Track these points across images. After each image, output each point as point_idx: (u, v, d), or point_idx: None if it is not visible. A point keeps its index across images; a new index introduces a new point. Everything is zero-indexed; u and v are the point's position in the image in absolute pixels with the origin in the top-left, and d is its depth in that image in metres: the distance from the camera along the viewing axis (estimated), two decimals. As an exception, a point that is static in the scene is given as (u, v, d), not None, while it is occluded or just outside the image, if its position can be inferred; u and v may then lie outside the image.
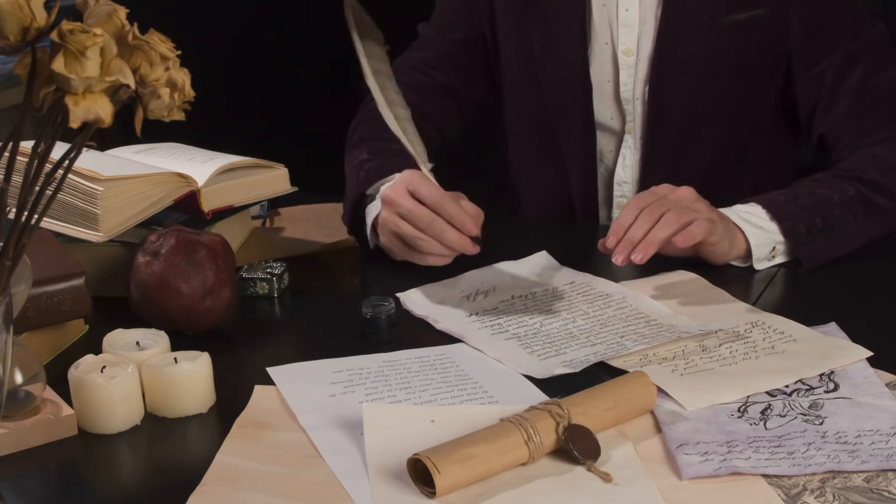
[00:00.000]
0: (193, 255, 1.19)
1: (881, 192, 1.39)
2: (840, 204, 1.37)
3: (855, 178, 1.40)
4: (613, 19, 1.53)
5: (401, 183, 1.31)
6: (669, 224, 1.24)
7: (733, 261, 1.35)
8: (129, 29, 0.82)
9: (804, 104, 1.52)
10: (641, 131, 1.57)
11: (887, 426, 0.99)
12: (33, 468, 1.00)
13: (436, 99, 1.64)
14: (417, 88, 1.62)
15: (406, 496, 0.91)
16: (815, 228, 1.34)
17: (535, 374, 1.11)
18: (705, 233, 1.27)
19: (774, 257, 1.36)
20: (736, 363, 1.11)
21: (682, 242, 1.24)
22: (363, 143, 1.50)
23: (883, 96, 1.47)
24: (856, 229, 1.37)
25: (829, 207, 1.36)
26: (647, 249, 1.23)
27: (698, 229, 1.26)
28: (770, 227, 1.34)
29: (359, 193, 1.41)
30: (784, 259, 1.36)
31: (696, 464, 0.94)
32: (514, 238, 1.52)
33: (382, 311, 1.21)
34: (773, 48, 1.50)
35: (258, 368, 1.13)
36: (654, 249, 1.24)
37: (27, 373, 1.02)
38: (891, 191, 1.40)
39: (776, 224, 1.34)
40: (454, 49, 1.65)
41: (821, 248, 1.35)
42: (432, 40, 1.67)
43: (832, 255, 1.35)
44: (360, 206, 1.42)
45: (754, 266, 1.35)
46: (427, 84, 1.64)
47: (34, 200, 0.83)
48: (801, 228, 1.34)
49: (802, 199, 1.37)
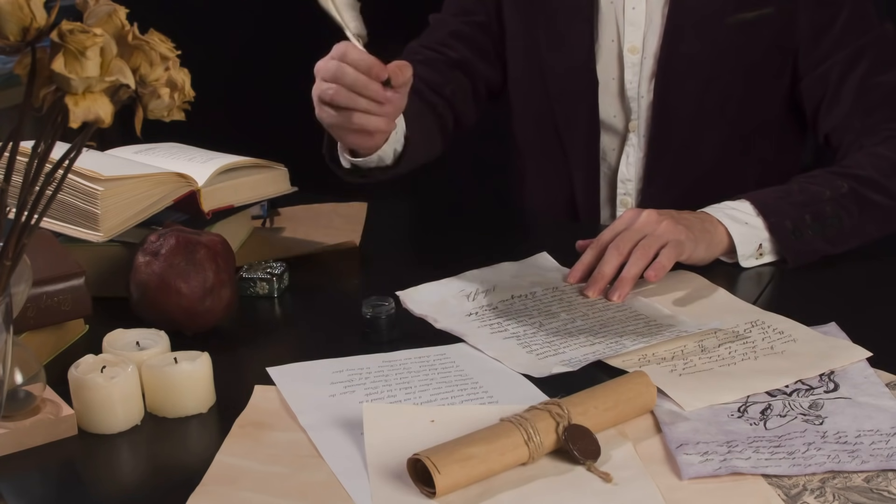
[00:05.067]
0: (193, 255, 1.19)
1: (878, 190, 1.39)
2: (832, 200, 1.36)
3: (850, 175, 1.39)
4: (620, 16, 1.53)
5: (328, 56, 1.26)
6: (639, 260, 1.27)
7: (720, 257, 1.35)
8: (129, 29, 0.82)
9: (809, 101, 1.52)
10: (645, 129, 1.57)
11: (887, 426, 0.99)
12: (33, 468, 1.00)
13: (447, 72, 1.61)
14: (430, 64, 1.60)
15: (406, 496, 0.91)
16: (803, 225, 1.34)
17: (534, 372, 1.11)
18: (674, 259, 1.28)
19: (762, 255, 1.35)
20: (735, 363, 1.11)
21: (653, 277, 1.27)
22: None
23: (887, 95, 1.47)
24: (850, 226, 1.36)
25: (819, 203, 1.35)
26: (622, 289, 1.28)
27: (667, 260, 1.27)
28: (756, 222, 1.34)
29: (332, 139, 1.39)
30: (773, 258, 1.35)
31: (696, 464, 0.94)
32: (515, 237, 1.52)
33: (382, 311, 1.21)
34: (780, 47, 1.50)
35: (258, 368, 1.13)
36: (630, 287, 1.28)
37: (27, 373, 1.02)
38: (889, 189, 1.39)
39: (762, 220, 1.34)
40: (467, 29, 1.64)
41: (810, 245, 1.34)
42: (444, 22, 1.66)
43: (823, 252, 1.35)
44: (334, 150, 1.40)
45: (741, 263, 1.34)
46: (439, 59, 1.62)
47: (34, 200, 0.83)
48: (788, 225, 1.33)
49: (793, 195, 1.37)
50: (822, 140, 1.53)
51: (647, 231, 1.29)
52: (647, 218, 1.31)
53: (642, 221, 1.30)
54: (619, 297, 1.27)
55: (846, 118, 1.48)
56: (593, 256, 1.31)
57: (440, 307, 1.27)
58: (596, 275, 1.29)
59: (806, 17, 1.48)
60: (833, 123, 1.49)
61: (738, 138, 1.56)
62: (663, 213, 1.31)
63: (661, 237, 1.28)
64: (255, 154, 1.47)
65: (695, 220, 1.33)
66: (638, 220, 1.31)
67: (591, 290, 1.29)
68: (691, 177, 1.42)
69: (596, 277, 1.29)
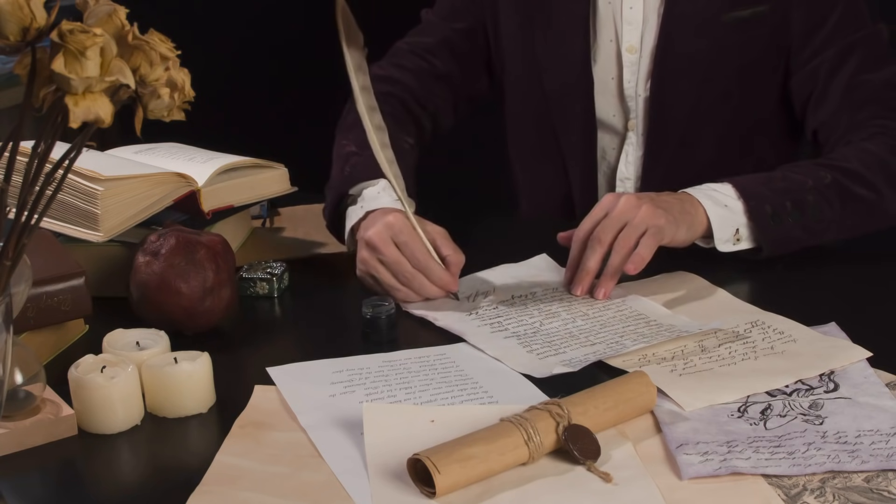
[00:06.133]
0: (193, 255, 1.19)
1: (862, 183, 1.38)
2: (814, 189, 1.36)
3: (835, 167, 1.39)
4: (618, 16, 1.53)
5: (384, 229, 1.27)
6: (620, 254, 1.27)
7: (697, 240, 1.34)
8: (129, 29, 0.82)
9: (798, 97, 1.52)
10: (644, 128, 1.57)
11: (887, 426, 0.99)
12: (33, 468, 1.00)
13: (433, 85, 1.64)
14: (416, 73, 1.63)
15: (406, 496, 0.91)
16: (783, 211, 1.33)
17: (535, 373, 1.11)
18: (654, 247, 1.27)
19: (739, 241, 1.34)
20: (735, 363, 1.11)
21: (633, 270, 1.27)
22: (353, 130, 1.48)
23: (874, 92, 1.47)
24: (830, 218, 1.36)
25: (801, 192, 1.35)
26: (606, 286, 1.29)
27: (647, 251, 1.27)
28: (735, 205, 1.33)
29: (341, 191, 1.40)
30: (749, 245, 1.34)
31: (696, 464, 0.94)
32: (514, 238, 1.52)
33: (382, 311, 1.21)
34: (775, 44, 1.50)
35: (258, 368, 1.13)
36: (613, 282, 1.29)
37: (27, 373, 1.02)
38: (873, 182, 1.38)
39: (742, 203, 1.33)
40: (455, 38, 1.65)
41: (788, 233, 1.33)
42: (434, 27, 1.67)
43: (800, 241, 1.35)
44: (342, 202, 1.41)
45: (717, 247, 1.33)
46: (426, 70, 1.64)
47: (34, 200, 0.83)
48: (768, 210, 1.33)
49: (776, 181, 1.36)
50: (810, 136, 1.54)
51: (626, 218, 1.28)
52: (625, 203, 1.29)
53: (621, 208, 1.29)
54: (604, 294, 1.28)
55: (834, 114, 1.48)
56: (578, 251, 1.31)
57: (440, 307, 1.27)
58: (580, 272, 1.29)
59: (799, 15, 1.48)
60: (821, 119, 1.50)
61: (735, 136, 1.57)
62: (642, 197, 1.30)
63: (640, 225, 1.27)
64: (255, 154, 1.47)
65: (674, 202, 1.32)
66: (617, 207, 1.29)
67: (578, 287, 1.29)
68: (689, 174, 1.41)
69: (581, 275, 1.29)
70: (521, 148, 1.73)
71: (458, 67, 1.66)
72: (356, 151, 1.43)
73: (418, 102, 1.61)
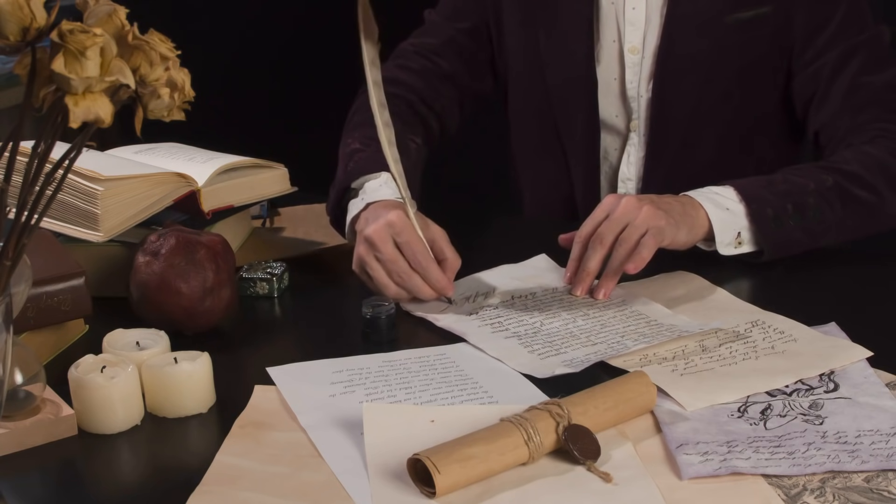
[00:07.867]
0: (193, 255, 1.19)
1: (862, 186, 1.38)
2: (815, 193, 1.36)
3: (836, 170, 1.39)
4: (621, 17, 1.53)
5: (385, 228, 1.26)
6: (621, 255, 1.27)
7: (698, 243, 1.34)
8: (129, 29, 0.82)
9: (800, 99, 1.52)
10: (646, 129, 1.57)
11: (887, 426, 0.99)
12: (33, 468, 1.00)
13: (439, 86, 1.64)
14: (421, 74, 1.63)
15: (406, 496, 0.91)
16: (784, 214, 1.33)
17: (536, 373, 1.11)
18: (655, 248, 1.27)
19: (741, 244, 1.34)
20: (736, 363, 1.11)
21: (633, 270, 1.27)
22: (358, 129, 1.49)
23: (875, 94, 1.47)
24: (831, 221, 1.36)
25: (802, 195, 1.35)
26: (606, 286, 1.29)
27: (647, 251, 1.27)
28: (737, 208, 1.33)
29: (344, 185, 1.41)
30: (751, 248, 1.35)
31: (696, 464, 0.94)
32: (514, 238, 1.52)
33: (382, 311, 1.21)
34: (778, 45, 1.50)
35: (258, 368, 1.13)
36: (614, 283, 1.29)
37: (27, 373, 1.02)
38: (874, 185, 1.39)
39: (744, 206, 1.33)
40: (460, 38, 1.66)
41: (789, 235, 1.34)
42: (439, 27, 1.67)
43: (801, 244, 1.35)
44: (344, 197, 1.41)
45: (718, 251, 1.33)
46: (431, 70, 1.64)
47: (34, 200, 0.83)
48: (769, 213, 1.33)
49: (777, 184, 1.36)
50: (811, 137, 1.54)
51: (627, 219, 1.28)
52: (626, 205, 1.29)
53: (622, 209, 1.29)
54: (604, 294, 1.28)
55: (835, 116, 1.48)
56: (580, 252, 1.31)
57: (432, 309, 1.27)
58: (581, 273, 1.30)
59: (802, 16, 1.48)
60: (822, 121, 1.50)
61: (736, 137, 1.57)
62: (643, 199, 1.30)
63: (641, 226, 1.27)
64: (255, 154, 1.47)
65: (675, 204, 1.32)
66: (618, 208, 1.29)
67: (578, 288, 1.29)
68: (690, 175, 1.42)
69: (581, 276, 1.29)
70: (524, 147, 1.73)
71: (463, 67, 1.66)
72: (360, 148, 1.44)
73: (425, 103, 1.61)
